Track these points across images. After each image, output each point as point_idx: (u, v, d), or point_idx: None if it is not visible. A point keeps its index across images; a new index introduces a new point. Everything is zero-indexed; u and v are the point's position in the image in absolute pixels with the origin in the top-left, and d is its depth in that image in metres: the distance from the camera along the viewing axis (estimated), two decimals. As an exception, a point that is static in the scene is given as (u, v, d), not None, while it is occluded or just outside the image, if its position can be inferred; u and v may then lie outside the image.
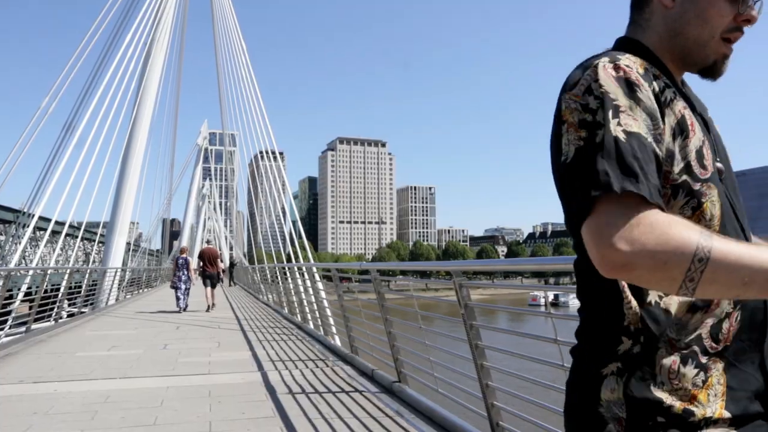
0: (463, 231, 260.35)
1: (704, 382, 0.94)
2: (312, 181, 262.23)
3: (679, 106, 0.98)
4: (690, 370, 0.93)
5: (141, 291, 25.92)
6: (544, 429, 3.06)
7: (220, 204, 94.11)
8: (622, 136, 0.89)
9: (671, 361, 0.93)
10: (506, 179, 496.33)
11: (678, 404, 0.92)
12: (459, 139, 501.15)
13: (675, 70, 1.05)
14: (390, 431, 4.05)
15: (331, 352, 7.56)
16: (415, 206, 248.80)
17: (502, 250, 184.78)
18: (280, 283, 14.03)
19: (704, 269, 0.81)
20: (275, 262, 25.58)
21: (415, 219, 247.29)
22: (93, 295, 16.20)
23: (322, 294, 10.00)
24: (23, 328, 10.38)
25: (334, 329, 8.73)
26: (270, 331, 10.04)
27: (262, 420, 4.27)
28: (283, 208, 29.02)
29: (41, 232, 23.58)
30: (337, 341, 8.51)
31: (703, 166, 0.97)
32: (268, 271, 17.74)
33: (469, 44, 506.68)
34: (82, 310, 14.64)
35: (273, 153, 29.38)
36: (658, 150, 0.92)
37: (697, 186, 0.96)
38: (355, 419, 4.29)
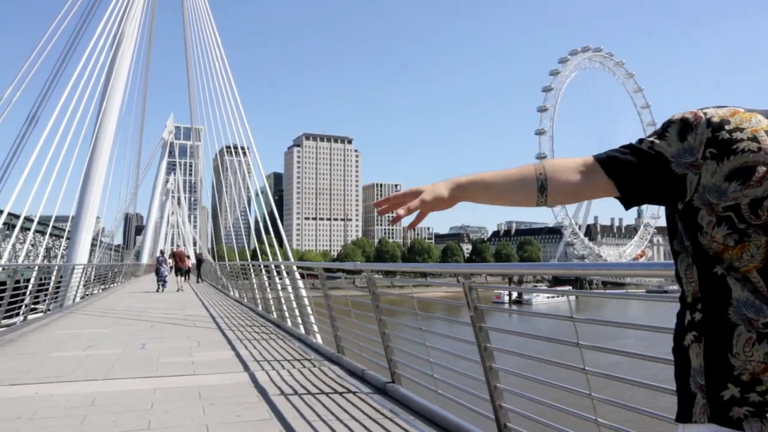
0: (428, 228, 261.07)
1: None
2: (278, 177, 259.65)
3: None
4: (764, 347, 1.04)
5: (107, 287, 25.34)
6: (554, 429, 3.06)
7: (186, 199, 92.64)
8: None
9: (748, 337, 1.06)
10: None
11: (747, 375, 1.04)
12: (425, 136, 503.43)
13: None
14: (389, 431, 4.03)
15: (314, 351, 7.47)
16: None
17: (467, 247, 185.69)
18: (254, 280, 13.85)
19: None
20: (248, 258, 25.33)
21: (381, 216, 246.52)
22: (59, 291, 15.75)
23: (303, 292, 9.89)
24: (-12, 327, 10.03)
25: (315, 327, 8.65)
26: (248, 330, 9.90)
27: (260, 423, 4.18)
28: (250, 201, 28.70)
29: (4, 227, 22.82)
30: (319, 339, 8.43)
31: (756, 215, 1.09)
32: (241, 269, 17.54)
33: (437, 41, 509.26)
34: (49, 307, 14.21)
35: (242, 149, 29.10)
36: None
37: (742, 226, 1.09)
38: (353, 420, 4.23)
